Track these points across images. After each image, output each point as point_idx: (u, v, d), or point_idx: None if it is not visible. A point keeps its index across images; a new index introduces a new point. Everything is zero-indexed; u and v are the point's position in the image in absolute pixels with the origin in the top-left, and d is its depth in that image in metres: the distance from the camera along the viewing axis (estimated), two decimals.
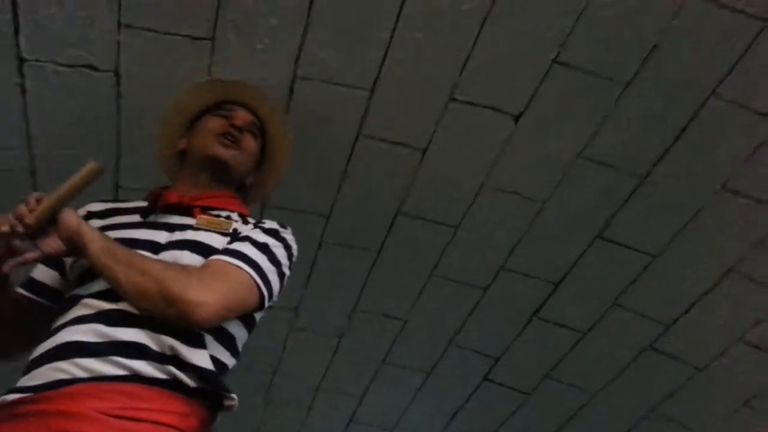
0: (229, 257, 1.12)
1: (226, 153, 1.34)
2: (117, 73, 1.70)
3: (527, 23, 1.60)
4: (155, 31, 1.61)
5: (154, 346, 1.03)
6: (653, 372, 2.43)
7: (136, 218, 1.26)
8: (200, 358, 1.05)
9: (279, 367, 2.70)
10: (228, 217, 1.26)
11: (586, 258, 2.14)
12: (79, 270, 1.18)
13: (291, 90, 1.72)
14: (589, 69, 1.68)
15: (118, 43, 1.64)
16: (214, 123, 1.39)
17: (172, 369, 1.02)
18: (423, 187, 2.00)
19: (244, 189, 1.45)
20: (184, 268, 1.09)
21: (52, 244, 1.10)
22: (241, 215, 1.30)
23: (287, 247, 1.25)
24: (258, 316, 1.24)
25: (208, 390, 1.06)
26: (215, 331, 1.11)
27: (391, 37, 1.63)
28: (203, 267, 1.11)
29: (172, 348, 1.04)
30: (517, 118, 1.81)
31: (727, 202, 1.89)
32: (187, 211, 1.25)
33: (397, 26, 1.61)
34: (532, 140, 1.85)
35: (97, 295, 1.09)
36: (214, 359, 1.08)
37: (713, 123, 1.73)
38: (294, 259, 1.28)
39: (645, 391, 2.52)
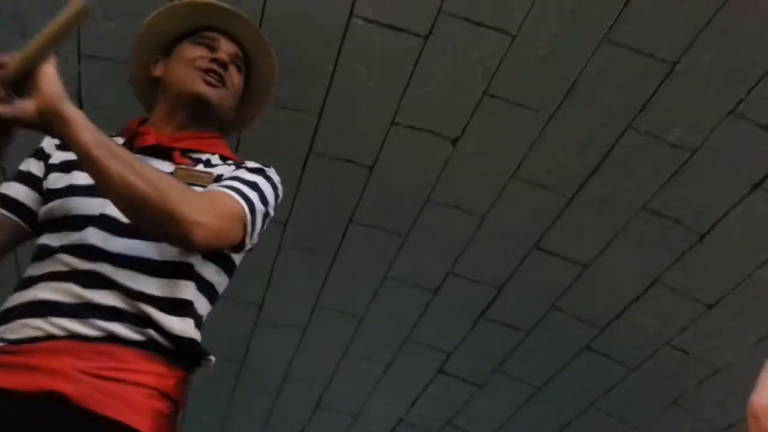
0: (226, 189, 1.07)
1: (212, 93, 1.20)
2: None
3: (459, 60, 1.76)
4: None
5: (130, 310, 1.00)
6: (591, 370, 2.62)
7: None
8: (179, 325, 1.02)
9: (247, 358, 2.91)
10: (208, 163, 1.18)
11: (524, 266, 2.32)
12: (55, 213, 1.09)
13: None
14: (517, 102, 1.85)
15: None
16: (196, 54, 1.23)
17: (150, 331, 1.00)
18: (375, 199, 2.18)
19: (223, 126, 1.31)
20: (187, 187, 1.02)
21: (27, 108, 0.92)
22: (222, 157, 1.21)
23: (274, 187, 1.17)
24: (237, 259, 1.17)
25: (186, 353, 1.04)
26: (199, 280, 1.08)
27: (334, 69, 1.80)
28: (207, 192, 1.07)
29: (147, 315, 1.00)
30: (454, 142, 1.97)
31: (649, 221, 2.06)
32: (165, 154, 1.15)
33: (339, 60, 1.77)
34: (469, 161, 2.02)
35: (72, 250, 1.02)
36: (195, 318, 1.06)
37: (632, 152, 1.90)
38: (279, 199, 1.20)
39: (585, 386, 2.72)
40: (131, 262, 1.02)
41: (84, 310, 0.98)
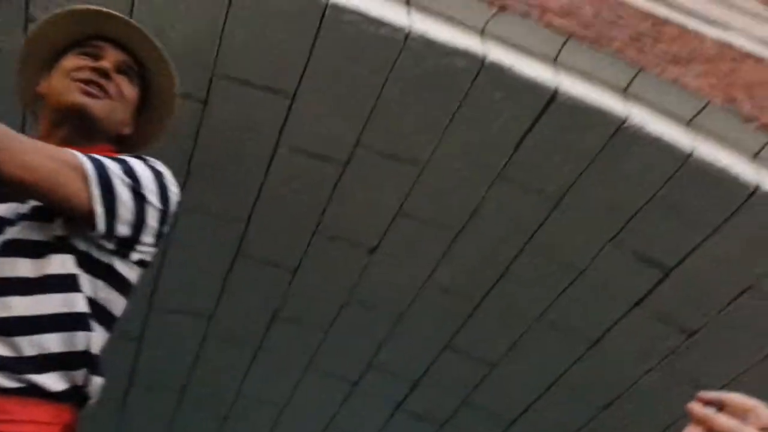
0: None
1: (92, 104, 1.11)
2: None
3: (374, 184, 1.96)
4: None
5: (6, 352, 0.91)
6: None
7: None
8: (70, 341, 0.95)
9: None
10: None
11: (438, 363, 2.47)
12: None
13: (207, 92, 1.68)
14: (427, 220, 2.05)
15: None
16: (75, 63, 1.15)
17: (29, 376, 0.91)
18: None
19: (121, 141, 1.21)
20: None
21: None
22: None
23: (155, 171, 1.07)
24: (124, 270, 1.05)
25: (75, 391, 0.96)
26: (98, 311, 0.99)
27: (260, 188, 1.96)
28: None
29: (35, 345, 0.92)
30: (371, 251, 2.15)
31: (547, 328, 2.26)
32: None
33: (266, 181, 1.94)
34: (385, 269, 2.19)
35: None
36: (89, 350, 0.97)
37: (528, 268, 2.12)
38: (168, 188, 1.08)
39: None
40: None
41: None
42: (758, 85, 2.03)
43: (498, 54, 1.69)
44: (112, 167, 1.00)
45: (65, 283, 0.96)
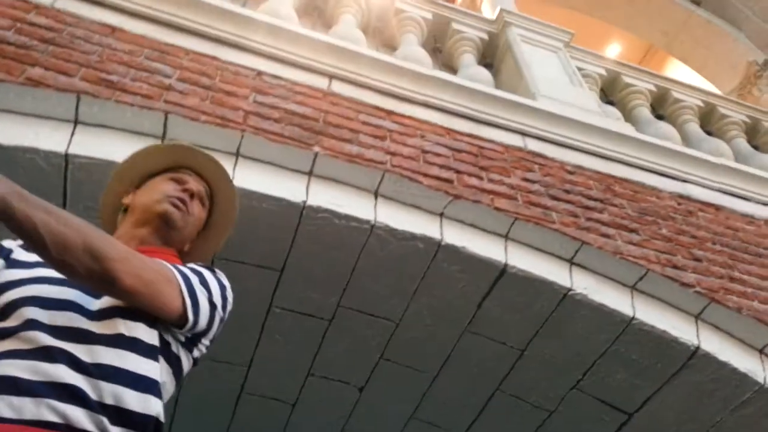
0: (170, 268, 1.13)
1: (177, 213, 1.31)
2: None
3: (357, 335, 2.23)
4: None
5: (91, 393, 0.96)
6: None
7: None
8: (145, 403, 1.01)
9: None
10: None
11: None
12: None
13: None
14: (407, 364, 2.29)
15: None
16: (167, 186, 1.36)
17: (105, 421, 0.95)
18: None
19: (181, 255, 1.39)
20: (109, 236, 1.07)
21: None
22: None
23: (221, 284, 1.23)
24: (185, 362, 1.17)
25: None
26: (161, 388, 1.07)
27: (259, 338, 2.26)
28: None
29: (114, 395, 0.98)
30: (360, 390, 2.40)
31: None
32: None
33: (261, 335, 2.24)
34: (374, 404, 2.43)
35: (32, 326, 1.00)
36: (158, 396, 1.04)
37: (502, 409, 2.31)
38: (228, 299, 1.25)
39: None
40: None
41: (42, 389, 0.94)
42: (702, 242, 2.24)
43: (453, 236, 1.97)
44: (192, 279, 1.15)
45: (150, 351, 1.07)
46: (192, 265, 1.23)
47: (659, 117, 3.68)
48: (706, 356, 1.98)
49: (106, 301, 1.08)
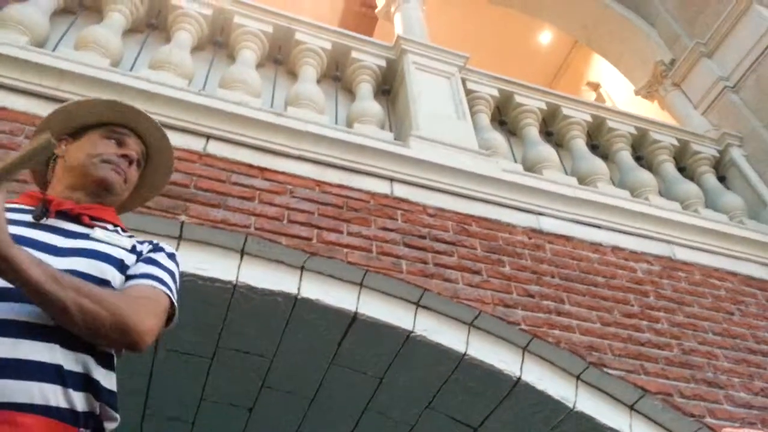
0: (157, 283, 1.20)
1: (117, 179, 1.34)
2: None
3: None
4: None
5: (67, 366, 1.03)
6: None
7: (27, 218, 1.20)
8: (110, 380, 1.10)
9: None
10: (115, 231, 1.29)
11: None
12: None
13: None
14: (288, 390, 2.61)
15: None
16: (106, 147, 1.37)
17: (72, 393, 1.01)
18: None
19: (119, 208, 1.44)
20: (132, 297, 1.13)
21: None
22: (123, 229, 1.33)
23: (178, 266, 1.33)
24: None
25: (97, 416, 1.06)
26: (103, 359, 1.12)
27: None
28: (143, 293, 1.16)
29: (85, 365, 1.05)
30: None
31: None
32: (76, 219, 1.24)
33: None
34: None
35: None
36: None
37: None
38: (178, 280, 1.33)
39: None
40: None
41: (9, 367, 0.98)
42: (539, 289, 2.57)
43: (310, 289, 2.27)
44: (173, 288, 1.26)
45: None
46: (163, 258, 1.29)
47: (548, 134, 3.98)
48: (527, 385, 2.33)
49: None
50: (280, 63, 3.54)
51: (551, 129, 4.00)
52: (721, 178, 4.20)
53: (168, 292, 1.22)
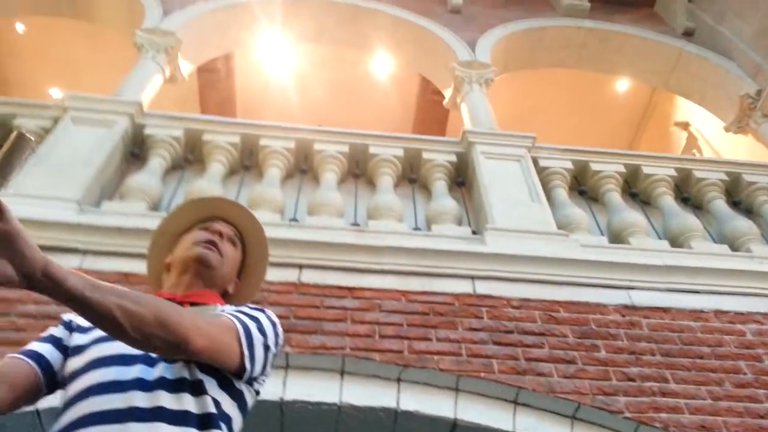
0: (230, 316, 1.21)
1: (208, 253, 1.39)
2: None
3: None
4: None
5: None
6: None
7: None
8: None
9: None
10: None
11: None
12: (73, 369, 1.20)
13: None
14: None
15: None
16: (198, 234, 1.45)
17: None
18: None
19: (227, 297, 1.46)
20: (175, 304, 1.14)
21: (8, 273, 0.92)
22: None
23: (273, 324, 1.29)
24: (248, 396, 1.25)
25: None
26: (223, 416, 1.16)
27: None
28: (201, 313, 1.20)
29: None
30: None
31: None
32: None
33: None
34: None
35: (121, 387, 1.12)
36: None
37: None
38: (279, 336, 1.31)
39: None
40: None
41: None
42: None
43: (408, 400, 2.40)
44: (251, 326, 1.22)
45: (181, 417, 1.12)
46: (246, 308, 1.29)
47: (633, 195, 3.94)
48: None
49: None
50: (359, 176, 3.83)
51: (635, 189, 3.96)
52: None
53: (235, 320, 1.20)
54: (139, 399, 1.10)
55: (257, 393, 1.29)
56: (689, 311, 2.83)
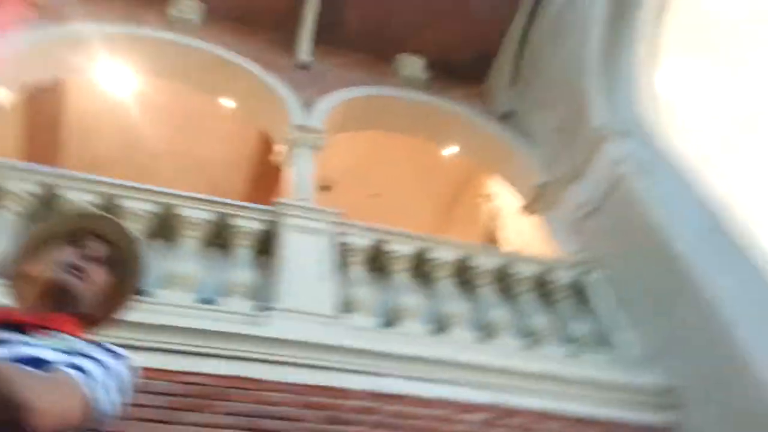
0: (69, 369, 1.11)
1: (71, 281, 1.29)
2: None
3: None
4: None
5: None
6: None
7: None
8: None
9: None
10: (59, 336, 1.21)
11: None
12: None
13: None
14: None
15: None
16: (63, 252, 1.33)
17: None
18: None
19: (93, 320, 1.37)
20: (30, 374, 1.04)
21: None
22: (71, 334, 1.24)
23: (121, 370, 1.21)
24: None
25: None
26: None
27: None
28: (49, 375, 1.08)
29: None
30: None
31: None
32: (18, 328, 1.19)
33: None
34: None
35: None
36: None
37: None
38: (126, 384, 1.22)
39: None
40: None
41: None
42: None
43: None
44: (97, 374, 1.14)
45: None
46: (103, 347, 1.23)
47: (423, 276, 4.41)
48: None
49: None
50: (163, 236, 3.95)
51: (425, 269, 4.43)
52: (579, 302, 4.66)
53: (80, 376, 1.11)
54: None
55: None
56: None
